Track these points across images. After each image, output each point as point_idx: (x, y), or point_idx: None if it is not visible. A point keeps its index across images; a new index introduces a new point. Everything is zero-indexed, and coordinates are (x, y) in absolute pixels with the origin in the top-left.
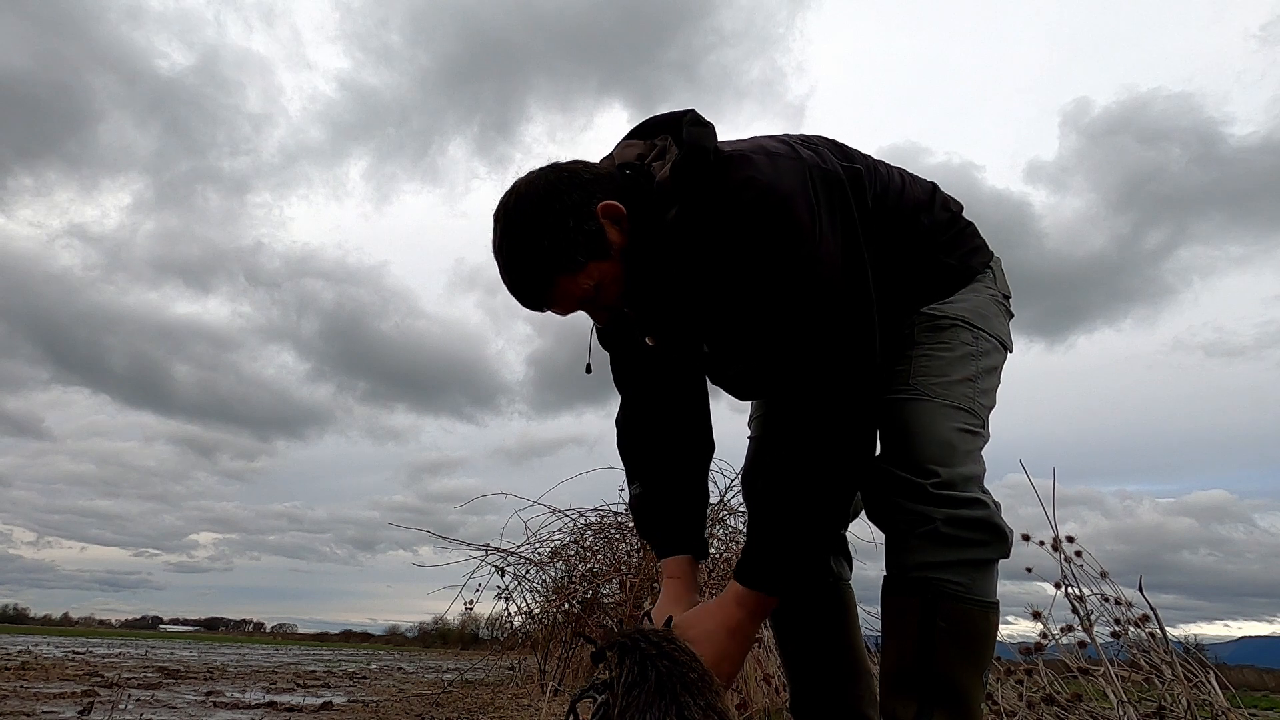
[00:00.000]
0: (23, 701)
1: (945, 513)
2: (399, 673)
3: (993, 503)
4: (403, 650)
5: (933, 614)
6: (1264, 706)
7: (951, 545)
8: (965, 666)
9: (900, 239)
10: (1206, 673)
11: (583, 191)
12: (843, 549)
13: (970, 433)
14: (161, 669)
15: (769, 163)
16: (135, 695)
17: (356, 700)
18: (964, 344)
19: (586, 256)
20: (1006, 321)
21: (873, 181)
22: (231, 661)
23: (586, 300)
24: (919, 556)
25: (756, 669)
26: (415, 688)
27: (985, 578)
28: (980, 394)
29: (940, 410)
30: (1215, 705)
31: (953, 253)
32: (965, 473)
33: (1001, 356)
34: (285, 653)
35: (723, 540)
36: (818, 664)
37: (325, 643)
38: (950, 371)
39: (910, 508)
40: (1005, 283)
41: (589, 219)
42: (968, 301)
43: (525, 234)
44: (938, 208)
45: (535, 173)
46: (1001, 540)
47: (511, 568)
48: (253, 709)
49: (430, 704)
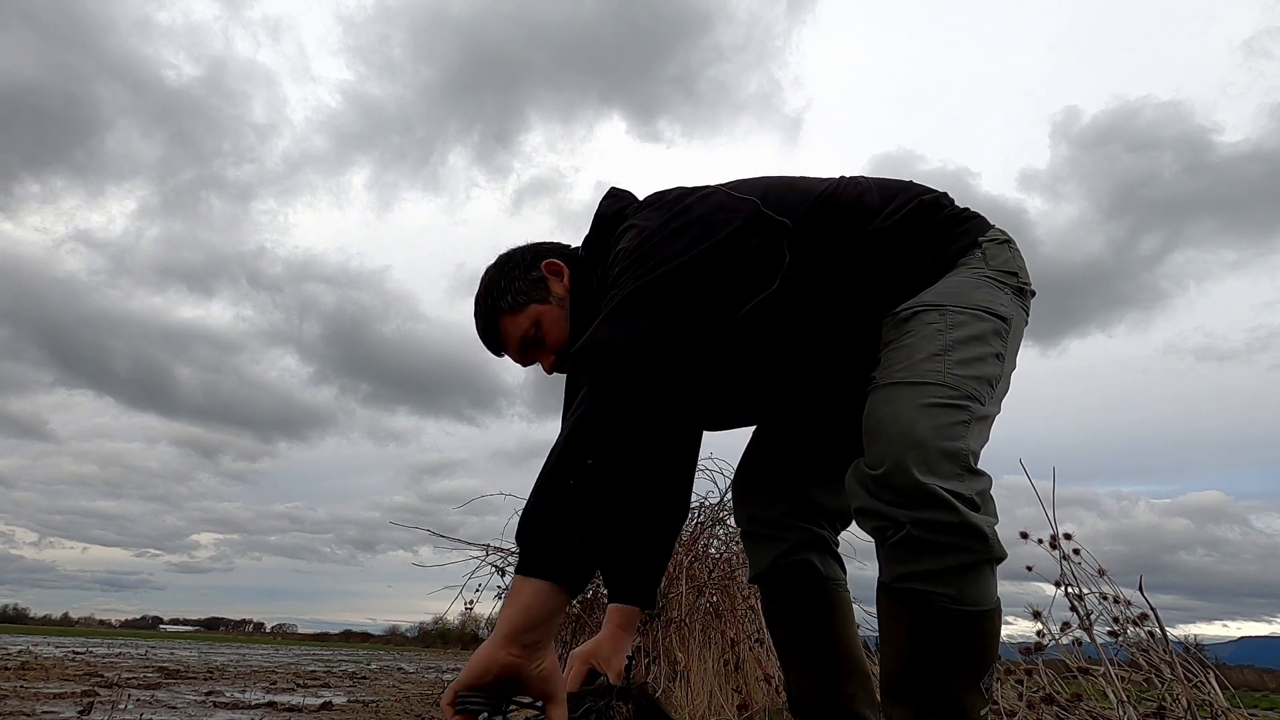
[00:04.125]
0: (23, 701)
1: (912, 516)
2: (399, 673)
3: (972, 495)
4: (403, 650)
5: (923, 626)
6: (1264, 706)
7: (929, 552)
8: (961, 675)
9: (847, 244)
10: (1206, 673)
11: (535, 253)
12: (831, 550)
13: (947, 405)
14: (161, 669)
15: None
16: (135, 695)
17: (356, 700)
18: (929, 324)
19: (526, 300)
20: (1004, 293)
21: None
22: (231, 661)
23: (528, 340)
24: (901, 567)
25: (757, 669)
26: (415, 688)
27: (976, 583)
28: (956, 365)
29: (899, 391)
30: (1215, 705)
31: (927, 250)
32: (943, 449)
33: (990, 324)
34: (285, 653)
35: (723, 540)
36: (813, 665)
37: (325, 643)
38: (914, 354)
39: (877, 508)
40: (1008, 260)
41: (533, 270)
42: (937, 288)
43: (485, 284)
44: (900, 210)
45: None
46: (982, 541)
47: (512, 568)
48: (253, 709)
49: (430, 704)
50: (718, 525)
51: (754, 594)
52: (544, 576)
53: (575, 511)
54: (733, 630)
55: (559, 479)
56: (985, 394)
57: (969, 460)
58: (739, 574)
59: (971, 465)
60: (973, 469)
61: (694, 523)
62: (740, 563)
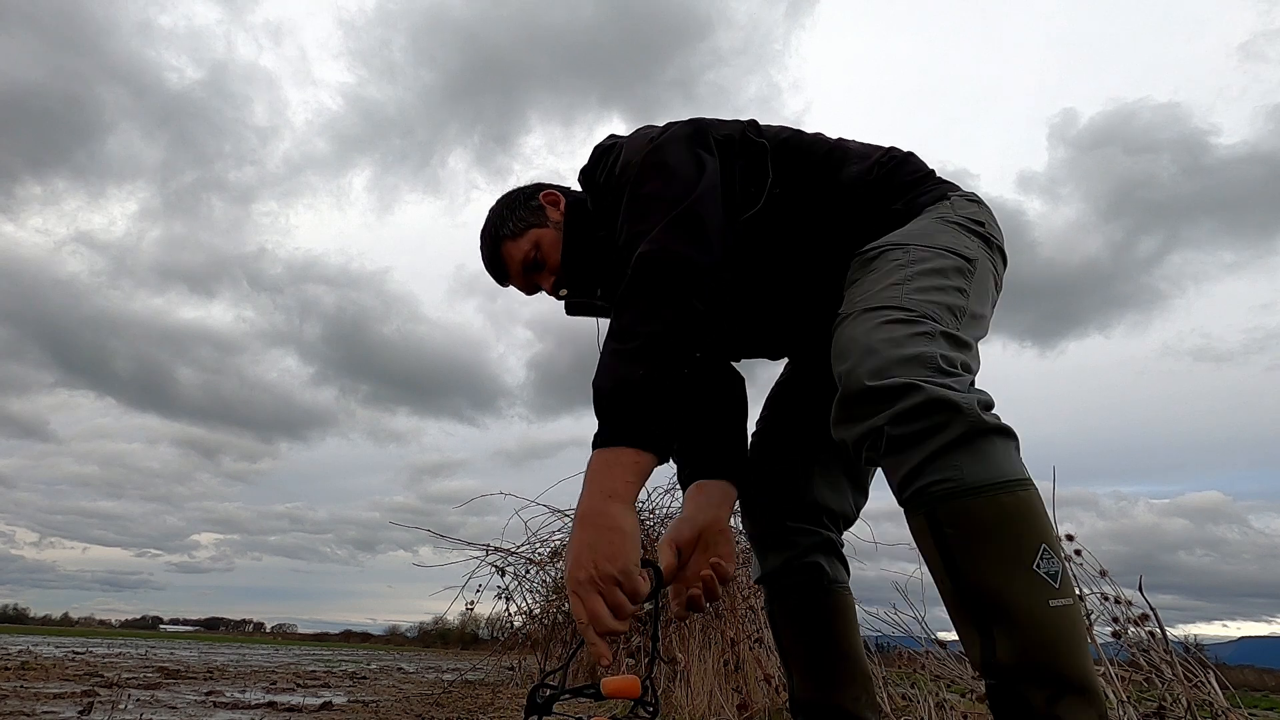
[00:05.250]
0: (23, 701)
1: (886, 413)
2: (399, 673)
3: (940, 377)
4: (403, 650)
5: (941, 527)
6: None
7: (912, 444)
8: (1000, 566)
9: (820, 184)
10: (1206, 673)
11: (535, 186)
12: (838, 552)
13: (901, 322)
14: (161, 669)
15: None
16: (135, 695)
17: (356, 700)
18: (891, 260)
19: (526, 226)
20: (971, 239)
21: (772, 134)
22: (231, 661)
23: (529, 263)
24: (898, 473)
25: (757, 669)
26: (415, 688)
27: (977, 458)
28: (914, 291)
29: (858, 319)
30: (1215, 705)
31: (897, 199)
32: (900, 355)
33: (952, 261)
34: (285, 653)
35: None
36: (815, 667)
37: (325, 643)
38: (874, 285)
39: (858, 428)
40: (975, 212)
41: (532, 200)
42: (903, 230)
43: (489, 217)
44: (872, 163)
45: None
46: (958, 412)
47: (512, 568)
48: (253, 709)
49: (430, 704)
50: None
51: (754, 594)
52: (648, 449)
53: (683, 397)
54: (733, 630)
55: (670, 364)
56: (946, 318)
57: (937, 363)
58: (739, 574)
59: (941, 366)
60: (943, 369)
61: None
62: (740, 562)
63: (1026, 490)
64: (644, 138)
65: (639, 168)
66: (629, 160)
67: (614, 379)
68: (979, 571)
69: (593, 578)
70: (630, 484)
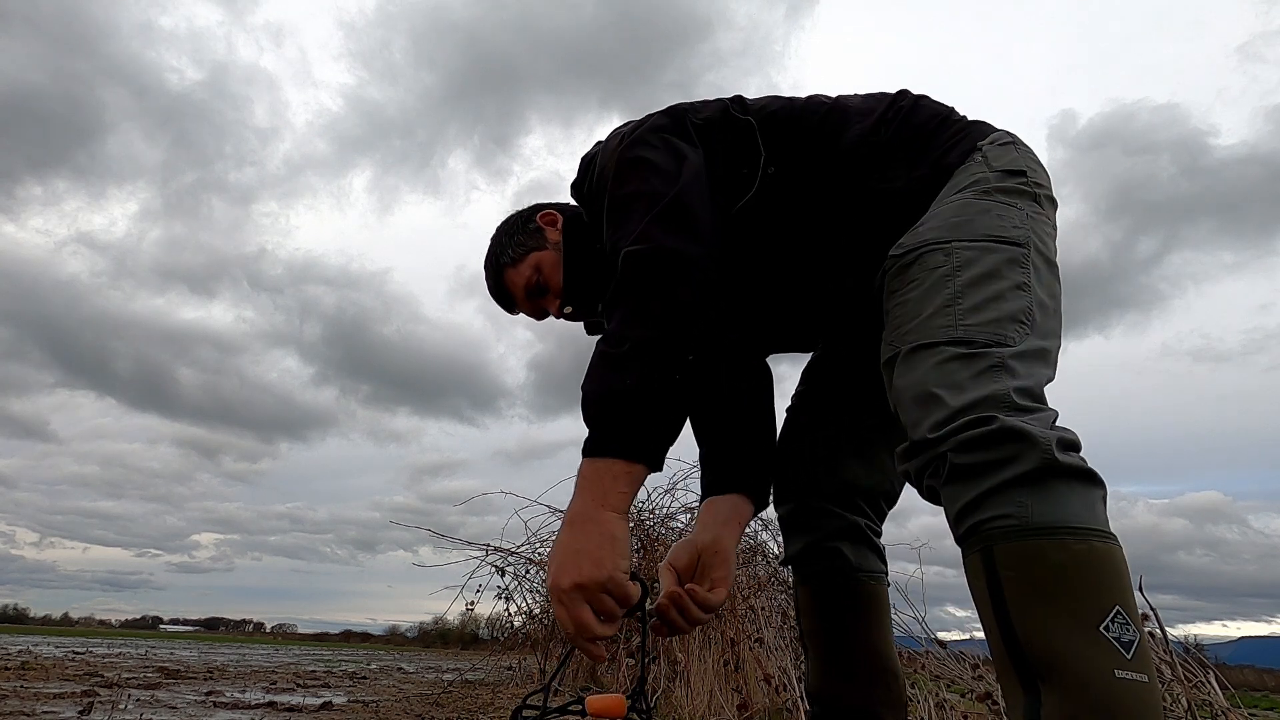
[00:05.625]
0: (23, 701)
1: (953, 440)
2: (399, 673)
3: (1013, 402)
4: (403, 650)
5: (993, 567)
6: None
7: (976, 474)
8: (1060, 620)
9: (820, 155)
10: (1206, 673)
11: (532, 209)
12: (868, 539)
13: (964, 358)
14: (161, 669)
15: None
16: (135, 695)
17: (356, 700)
18: (935, 269)
19: (525, 251)
20: (1015, 209)
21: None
22: (231, 661)
23: (532, 288)
24: (956, 505)
25: (757, 669)
26: (415, 688)
27: (1047, 498)
28: (968, 313)
29: (911, 359)
30: (1215, 705)
31: (919, 161)
32: (965, 401)
33: (1003, 253)
34: (285, 653)
35: None
36: (832, 658)
37: (325, 643)
38: (921, 309)
39: (921, 457)
40: (1014, 160)
41: (530, 223)
42: (936, 215)
43: (490, 246)
44: (876, 119)
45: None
46: (1031, 445)
47: (512, 568)
48: (253, 709)
49: (430, 704)
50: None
51: (754, 594)
52: (639, 461)
53: (678, 403)
54: (733, 630)
55: (661, 370)
56: (1014, 333)
57: (1010, 400)
58: (738, 574)
59: (1015, 402)
60: (1017, 405)
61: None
62: (740, 562)
63: (1106, 543)
64: (618, 135)
65: (616, 168)
66: (605, 164)
67: (603, 386)
68: (1033, 622)
69: (578, 584)
70: (623, 494)
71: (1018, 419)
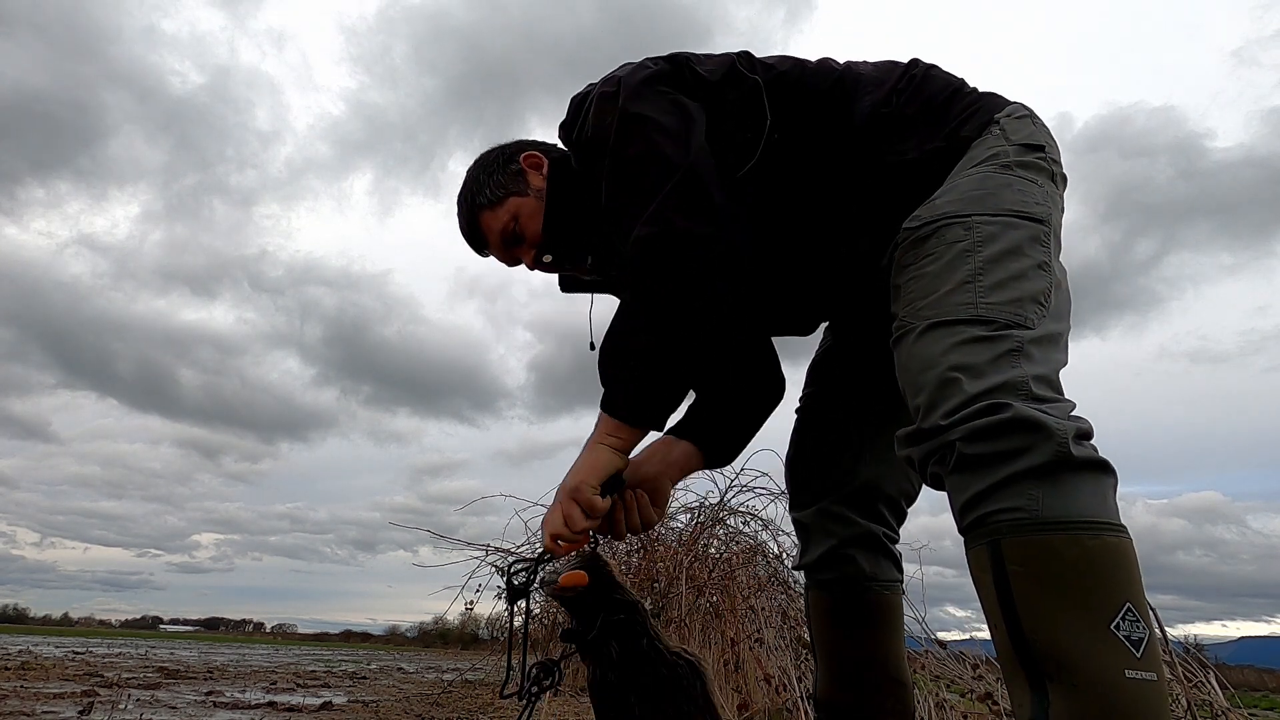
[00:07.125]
0: (23, 701)
1: (963, 428)
2: (399, 673)
3: (1030, 391)
4: (403, 650)
5: (1000, 561)
6: (1264, 706)
7: (985, 466)
8: (1069, 617)
9: (829, 124)
10: (1206, 673)
11: (515, 145)
12: (884, 548)
13: (984, 340)
14: (161, 669)
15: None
16: (135, 695)
17: (356, 700)
18: (954, 243)
19: (504, 194)
20: (1037, 185)
21: (755, 66)
22: (231, 661)
23: (508, 235)
24: (963, 496)
25: (757, 669)
26: (415, 688)
27: (1059, 491)
28: (990, 290)
29: (926, 336)
30: (1215, 705)
31: (932, 133)
32: (983, 387)
33: (1025, 230)
34: (285, 653)
35: (723, 540)
36: (840, 668)
37: (325, 643)
38: (940, 284)
39: (927, 444)
40: (1032, 133)
41: (512, 163)
42: (954, 189)
43: (466, 181)
44: (888, 90)
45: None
46: (1046, 436)
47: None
48: (253, 709)
49: (430, 704)
50: (718, 525)
51: (754, 594)
52: (639, 426)
53: (681, 380)
54: (733, 630)
55: (676, 345)
56: (1034, 315)
57: (1029, 388)
58: (739, 574)
59: (1033, 391)
60: (1034, 394)
61: (694, 522)
62: (740, 562)
63: (1118, 537)
64: (614, 80)
65: (619, 124)
66: (603, 114)
67: (615, 367)
68: (1042, 619)
69: (560, 490)
70: (626, 440)
71: (1034, 408)
